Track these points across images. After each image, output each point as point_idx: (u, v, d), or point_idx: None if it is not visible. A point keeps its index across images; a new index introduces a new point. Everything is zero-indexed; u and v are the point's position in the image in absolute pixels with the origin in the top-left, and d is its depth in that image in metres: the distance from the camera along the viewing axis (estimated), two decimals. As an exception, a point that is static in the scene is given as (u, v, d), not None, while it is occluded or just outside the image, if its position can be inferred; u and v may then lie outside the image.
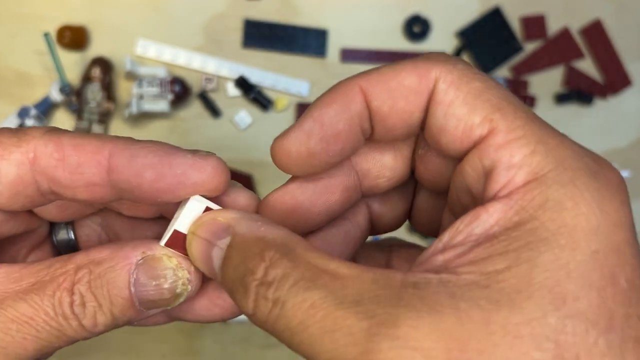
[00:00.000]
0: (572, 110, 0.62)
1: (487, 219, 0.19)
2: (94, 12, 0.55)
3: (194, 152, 0.23)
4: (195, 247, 0.23)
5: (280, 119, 0.58)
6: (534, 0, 0.61)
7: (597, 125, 0.62)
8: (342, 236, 0.26)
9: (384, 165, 0.25)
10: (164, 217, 0.27)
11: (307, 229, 0.25)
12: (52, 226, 0.28)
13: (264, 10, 0.58)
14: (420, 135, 0.24)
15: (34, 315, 0.21)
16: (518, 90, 0.60)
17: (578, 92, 0.61)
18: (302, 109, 0.58)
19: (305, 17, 0.58)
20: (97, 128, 0.54)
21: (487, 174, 0.20)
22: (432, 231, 0.28)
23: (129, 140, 0.22)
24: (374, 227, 0.28)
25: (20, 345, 0.21)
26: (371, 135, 0.23)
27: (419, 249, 0.28)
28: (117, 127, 0.56)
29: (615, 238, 0.18)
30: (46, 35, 0.49)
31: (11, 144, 0.22)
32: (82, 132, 0.23)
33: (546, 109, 0.61)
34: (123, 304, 0.22)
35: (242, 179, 0.56)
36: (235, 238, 0.21)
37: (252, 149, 0.58)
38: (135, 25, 0.56)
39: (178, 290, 0.23)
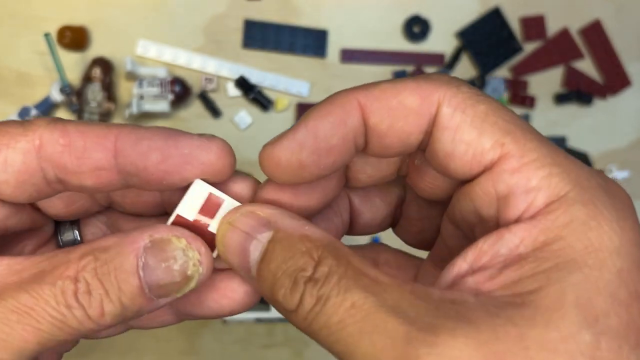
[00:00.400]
0: (571, 111, 0.62)
1: (511, 238, 0.19)
2: (95, 13, 0.55)
3: (200, 134, 0.23)
4: (230, 237, 0.22)
5: (280, 119, 0.58)
6: (533, 1, 0.61)
7: (597, 125, 0.62)
8: (325, 224, 0.26)
9: (367, 162, 0.25)
10: (168, 214, 0.27)
11: (307, 215, 0.24)
12: (58, 226, 0.28)
13: (264, 10, 0.58)
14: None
15: (34, 305, 0.20)
16: (518, 90, 0.61)
17: (577, 92, 0.61)
18: (302, 109, 0.58)
19: (305, 17, 0.58)
20: (97, 128, 0.54)
21: (503, 199, 0.20)
22: (423, 241, 0.27)
23: (134, 125, 0.23)
24: (352, 223, 0.27)
25: (20, 337, 0.20)
26: (365, 148, 0.23)
27: (406, 257, 0.28)
28: (118, 127, 0.56)
29: (635, 255, 0.19)
30: (47, 35, 0.49)
31: (17, 134, 0.22)
32: (86, 121, 0.23)
33: (546, 109, 0.61)
34: (132, 291, 0.21)
35: (242, 179, 0.56)
36: (279, 234, 0.21)
37: (252, 149, 0.58)
38: (135, 26, 0.56)
39: (189, 272, 0.22)
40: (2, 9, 0.55)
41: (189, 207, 0.23)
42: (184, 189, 0.23)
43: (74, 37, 0.54)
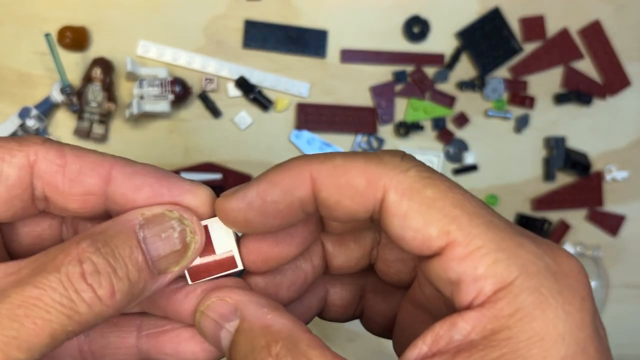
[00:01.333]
0: (571, 111, 0.62)
1: (464, 325, 0.20)
2: (95, 13, 0.56)
3: (190, 179, 0.24)
4: (204, 325, 0.24)
5: (280, 119, 0.58)
6: (533, 1, 0.61)
7: (596, 125, 0.62)
8: (293, 270, 0.27)
9: None
10: None
11: (286, 263, 0.26)
12: None
13: (264, 11, 0.58)
14: None
15: (41, 295, 0.20)
16: (517, 90, 0.61)
17: (577, 92, 0.61)
18: (302, 109, 0.58)
19: (305, 17, 0.58)
20: (97, 128, 0.54)
21: (455, 284, 0.21)
22: (401, 281, 0.28)
23: (128, 159, 0.24)
24: (327, 265, 0.28)
25: (32, 332, 0.20)
26: (319, 212, 0.24)
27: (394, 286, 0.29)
28: (118, 127, 0.56)
29: (580, 339, 0.20)
30: (47, 35, 0.49)
31: (12, 147, 0.22)
32: (80, 146, 0.24)
33: (545, 110, 0.62)
34: (138, 265, 0.22)
35: (242, 179, 0.56)
36: (243, 324, 0.22)
37: (253, 149, 0.58)
38: (136, 26, 0.56)
39: (187, 239, 0.23)
40: (3, 9, 0.55)
41: None
42: None
43: (75, 38, 0.54)
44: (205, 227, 0.24)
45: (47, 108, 0.54)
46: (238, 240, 0.25)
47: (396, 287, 0.28)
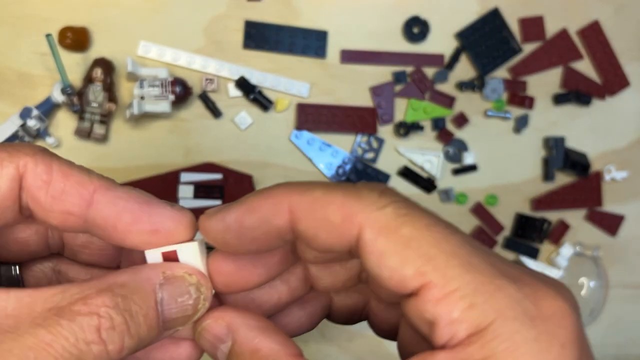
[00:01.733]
0: (570, 111, 0.62)
1: None
2: (96, 14, 0.56)
3: (172, 205, 0.24)
4: (202, 343, 0.25)
5: (280, 119, 0.58)
6: (532, 2, 0.61)
7: (596, 126, 0.63)
8: (267, 289, 0.27)
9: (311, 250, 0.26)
10: (120, 267, 0.28)
11: (251, 289, 0.26)
12: None
13: (264, 11, 0.58)
14: None
15: (53, 342, 0.20)
16: (517, 91, 0.61)
17: (576, 92, 0.61)
18: (303, 109, 0.58)
19: (305, 18, 0.58)
20: (98, 128, 0.54)
21: (431, 324, 0.21)
22: (395, 300, 0.27)
23: (113, 181, 0.24)
24: (313, 286, 0.28)
25: None
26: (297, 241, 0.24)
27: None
28: (119, 127, 0.56)
29: None
30: (48, 36, 0.50)
31: (3, 158, 0.22)
32: (70, 161, 0.24)
33: (544, 110, 0.62)
34: (150, 325, 0.22)
35: (242, 179, 0.57)
36: (234, 347, 0.23)
37: (253, 150, 0.58)
38: (136, 27, 0.56)
39: (199, 306, 0.24)
40: (4, 9, 0.55)
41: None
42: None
43: (76, 38, 0.54)
44: (175, 252, 0.24)
45: (48, 108, 0.54)
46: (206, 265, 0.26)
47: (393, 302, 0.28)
